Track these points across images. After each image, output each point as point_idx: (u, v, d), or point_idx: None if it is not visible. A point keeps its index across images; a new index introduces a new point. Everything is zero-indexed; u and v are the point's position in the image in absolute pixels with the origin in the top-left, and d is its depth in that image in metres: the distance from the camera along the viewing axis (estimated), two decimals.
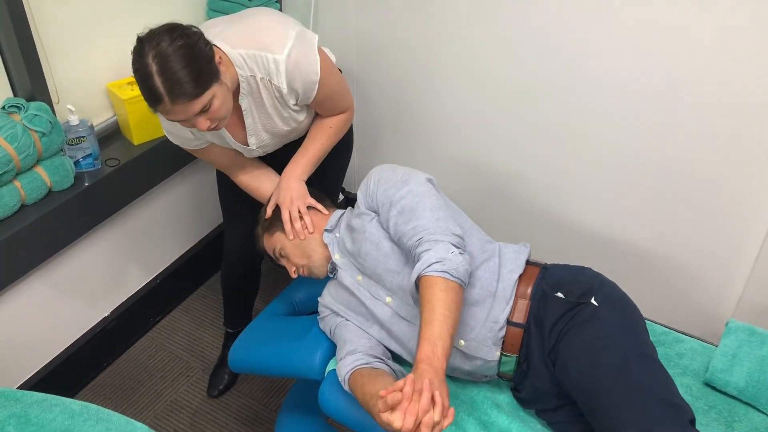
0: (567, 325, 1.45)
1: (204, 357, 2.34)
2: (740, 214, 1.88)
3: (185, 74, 1.39)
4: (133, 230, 2.26)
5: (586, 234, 2.17)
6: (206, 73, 1.43)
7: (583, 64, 1.90)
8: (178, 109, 1.43)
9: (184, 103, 1.41)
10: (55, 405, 1.45)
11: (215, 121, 1.51)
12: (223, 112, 1.51)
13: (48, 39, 1.82)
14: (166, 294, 2.48)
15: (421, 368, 1.22)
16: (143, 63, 1.39)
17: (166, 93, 1.39)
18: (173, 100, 1.40)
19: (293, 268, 1.71)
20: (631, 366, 1.36)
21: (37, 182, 1.80)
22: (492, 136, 2.19)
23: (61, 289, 2.08)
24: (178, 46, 1.39)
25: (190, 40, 1.42)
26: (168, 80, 1.38)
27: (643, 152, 1.94)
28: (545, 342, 1.47)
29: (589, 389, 1.37)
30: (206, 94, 1.43)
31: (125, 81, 2.04)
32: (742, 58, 1.69)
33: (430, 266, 1.35)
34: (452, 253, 1.37)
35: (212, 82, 1.45)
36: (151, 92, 1.40)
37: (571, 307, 1.47)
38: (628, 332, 1.44)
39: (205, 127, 1.49)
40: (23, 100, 1.77)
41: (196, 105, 1.43)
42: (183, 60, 1.39)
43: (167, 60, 1.38)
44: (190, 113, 1.44)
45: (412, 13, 2.12)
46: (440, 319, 1.29)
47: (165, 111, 1.44)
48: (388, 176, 1.58)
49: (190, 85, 1.40)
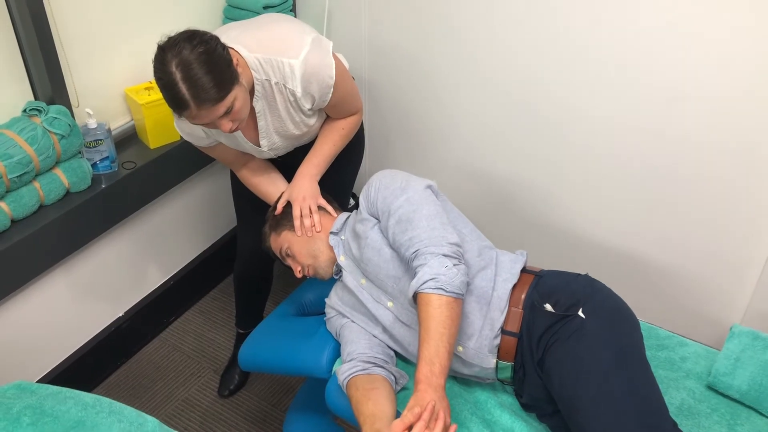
0: (553, 338, 1.46)
1: (216, 358, 2.38)
2: (748, 221, 1.88)
3: (209, 80, 1.44)
4: (149, 232, 2.31)
5: (592, 240, 2.18)
6: (227, 75, 1.48)
7: (588, 73, 1.93)
8: (204, 114, 1.48)
9: (209, 107, 1.47)
10: (69, 398, 1.49)
11: (237, 122, 1.56)
12: (244, 112, 1.56)
13: (69, 44, 1.88)
14: (180, 295, 2.52)
15: (420, 389, 1.32)
16: (167, 71, 1.43)
17: (192, 99, 1.44)
18: (199, 105, 1.45)
19: (299, 268, 1.74)
20: (610, 382, 1.36)
21: (56, 183, 1.85)
22: (499, 142, 2.22)
23: (78, 289, 2.13)
24: (200, 53, 1.44)
25: (209, 46, 1.46)
26: (192, 87, 1.43)
27: (649, 159, 1.95)
28: (534, 353, 1.49)
29: (568, 403, 1.39)
30: (229, 96, 1.49)
31: (143, 86, 2.09)
32: (746, 66, 1.70)
33: (425, 284, 1.40)
34: (446, 267, 1.41)
35: (233, 84, 1.50)
36: (176, 99, 1.45)
37: (558, 319, 1.48)
38: (612, 346, 1.42)
39: (228, 128, 1.54)
40: (44, 103, 1.83)
41: (221, 108, 1.48)
42: (205, 66, 1.43)
43: (190, 67, 1.42)
44: (214, 116, 1.50)
45: (422, 22, 2.16)
46: (436, 337, 1.35)
47: (191, 116, 1.49)
48: (388, 183, 1.60)
49: (213, 90, 1.45)
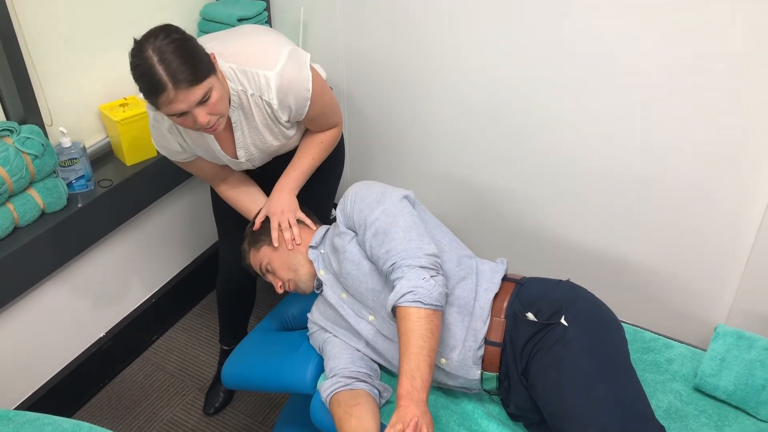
0: (536, 346, 1.45)
1: (200, 376, 2.34)
2: (728, 222, 1.89)
3: (186, 62, 1.43)
4: (128, 250, 2.28)
5: (574, 245, 2.18)
6: (204, 64, 1.48)
7: (566, 79, 1.93)
8: (181, 97, 1.45)
9: (186, 88, 1.44)
10: (48, 424, 1.46)
11: (214, 117, 1.53)
12: (221, 107, 1.53)
13: (40, 62, 1.85)
14: (162, 313, 2.49)
15: (402, 404, 1.30)
16: (143, 57, 1.42)
17: (169, 79, 1.42)
18: (176, 85, 1.42)
19: (279, 283, 1.72)
20: (595, 389, 1.36)
21: (30, 204, 1.82)
22: (478, 151, 2.21)
23: (56, 310, 2.09)
24: (175, 39, 1.44)
25: (185, 35, 1.47)
26: (169, 68, 1.41)
27: (629, 164, 1.95)
28: (518, 362, 1.48)
29: (554, 411, 1.38)
30: (206, 82, 1.47)
31: (117, 103, 2.07)
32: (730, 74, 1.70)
33: (403, 297, 1.38)
34: (423, 279, 1.39)
35: (210, 73, 1.49)
36: (153, 82, 1.43)
37: (541, 328, 1.47)
38: (595, 353, 1.42)
39: (205, 120, 1.51)
40: (15, 123, 1.79)
41: (198, 91, 1.46)
42: (182, 51, 1.43)
43: (167, 51, 1.42)
44: (191, 101, 1.46)
45: (397, 32, 2.16)
46: (416, 351, 1.34)
47: (168, 100, 1.45)
48: (363, 195, 1.59)
49: (190, 72, 1.43)
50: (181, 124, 1.54)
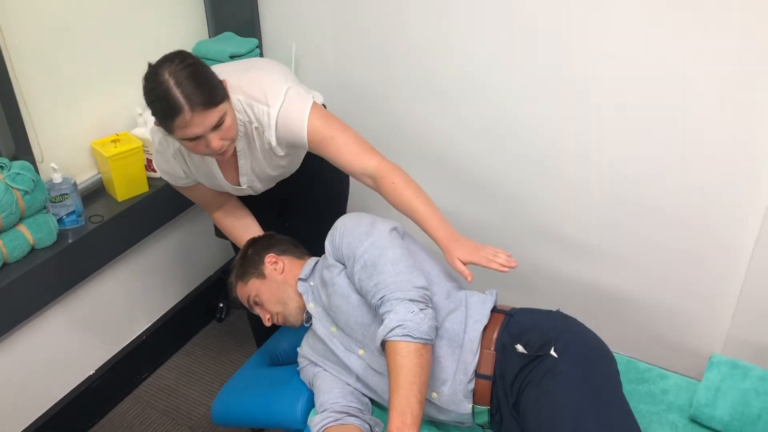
0: (526, 379, 1.43)
1: (191, 414, 2.31)
2: (723, 250, 1.89)
3: (201, 85, 1.45)
4: (118, 286, 2.26)
5: (567, 275, 2.18)
6: (219, 89, 1.50)
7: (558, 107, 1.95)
8: (197, 120, 1.46)
9: (202, 111, 1.45)
10: None
11: (226, 141, 1.54)
12: (233, 132, 1.56)
13: (32, 99, 1.86)
14: (153, 350, 2.46)
15: None
16: (159, 80, 1.44)
17: (186, 101, 1.43)
18: (193, 108, 1.44)
19: (267, 316, 1.70)
20: (586, 421, 1.34)
21: (20, 240, 1.81)
22: (469, 180, 2.22)
23: (46, 348, 2.06)
24: (190, 64, 1.46)
25: (199, 61, 1.50)
26: (186, 91, 1.43)
27: (620, 191, 1.96)
28: (509, 395, 1.46)
29: None
30: (221, 106, 1.49)
31: (109, 139, 2.07)
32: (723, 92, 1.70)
33: (392, 331, 1.37)
34: (412, 312, 1.38)
35: (224, 98, 1.51)
36: (169, 104, 1.44)
37: (530, 360, 1.45)
38: (586, 384, 1.40)
39: (218, 146, 1.52)
40: (6, 159, 1.80)
41: (213, 115, 1.47)
42: (197, 75, 1.46)
43: (182, 75, 1.44)
44: (207, 124, 1.48)
45: (389, 64, 2.18)
46: (406, 386, 1.32)
47: (183, 123, 1.46)
48: (352, 228, 1.57)
49: (206, 95, 1.45)
50: (191, 149, 1.55)
